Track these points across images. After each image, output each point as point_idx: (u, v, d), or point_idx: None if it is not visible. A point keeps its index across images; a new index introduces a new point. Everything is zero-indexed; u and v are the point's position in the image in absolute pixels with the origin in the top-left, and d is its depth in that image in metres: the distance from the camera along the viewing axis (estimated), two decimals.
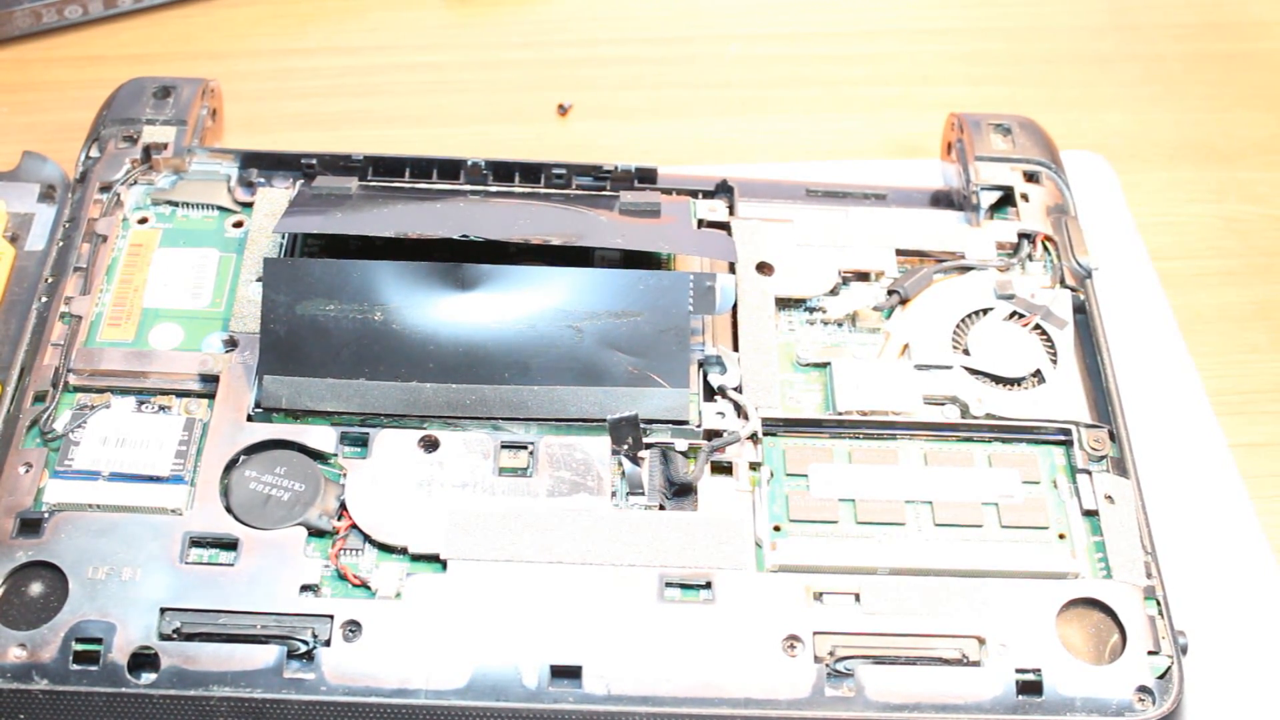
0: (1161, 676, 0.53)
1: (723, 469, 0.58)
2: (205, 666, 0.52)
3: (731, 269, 0.64)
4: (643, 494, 0.57)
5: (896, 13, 0.89)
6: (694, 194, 0.68)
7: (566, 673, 0.52)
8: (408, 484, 0.56)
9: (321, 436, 0.57)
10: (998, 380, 0.62)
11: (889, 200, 0.69)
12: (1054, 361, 0.62)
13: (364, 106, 0.81)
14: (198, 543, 0.54)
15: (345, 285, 0.59)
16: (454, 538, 0.55)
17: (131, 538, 0.54)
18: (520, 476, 0.57)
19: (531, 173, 0.68)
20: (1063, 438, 0.60)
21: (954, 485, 0.58)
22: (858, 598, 0.54)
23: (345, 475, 0.57)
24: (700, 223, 0.66)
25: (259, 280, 0.62)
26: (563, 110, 0.82)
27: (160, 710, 0.51)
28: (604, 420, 0.57)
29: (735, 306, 0.62)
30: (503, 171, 0.68)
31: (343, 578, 0.54)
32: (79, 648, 0.52)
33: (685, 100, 0.83)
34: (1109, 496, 0.58)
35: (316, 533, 0.55)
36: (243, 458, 0.57)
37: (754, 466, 0.58)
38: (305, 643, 0.52)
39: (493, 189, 0.68)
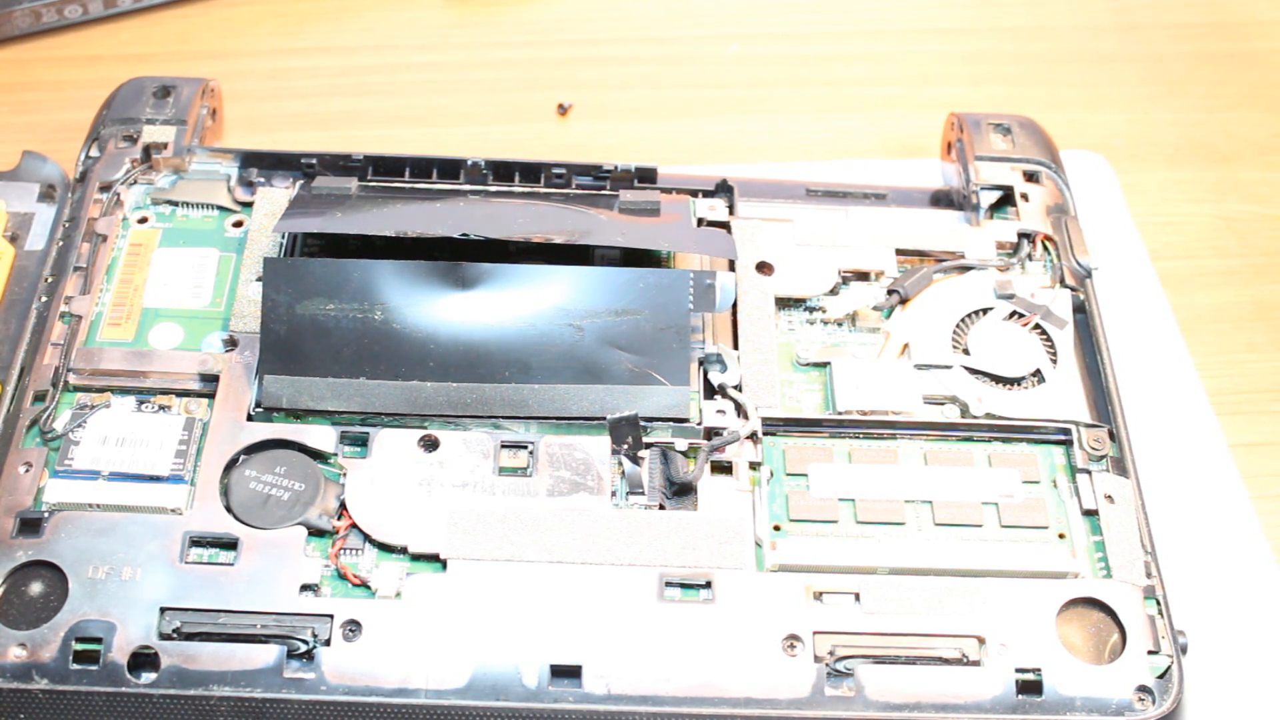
0: (1161, 676, 0.53)
1: (723, 468, 0.58)
2: (205, 666, 0.52)
3: (731, 267, 0.64)
4: (643, 494, 0.57)
5: (896, 13, 0.89)
6: (694, 194, 0.68)
7: (566, 672, 0.52)
8: (408, 484, 0.56)
9: (321, 436, 0.57)
10: (998, 380, 0.62)
11: (889, 200, 0.69)
12: (1054, 361, 0.62)
13: (364, 106, 0.81)
14: (198, 542, 0.54)
15: (345, 285, 0.59)
16: (454, 537, 0.55)
17: (131, 537, 0.54)
18: (520, 476, 0.57)
19: (531, 172, 0.68)
20: (1063, 437, 0.60)
21: (954, 485, 0.58)
22: (858, 597, 0.54)
23: (345, 475, 0.57)
24: (700, 221, 0.66)
25: (259, 280, 0.62)
26: (563, 110, 0.82)
27: (160, 710, 0.51)
28: (604, 419, 0.57)
29: (735, 306, 0.62)
30: (503, 171, 0.68)
31: (343, 577, 0.54)
32: (79, 647, 0.52)
33: (685, 100, 0.83)
34: (1109, 496, 0.58)
35: (316, 532, 0.55)
36: (243, 457, 0.57)
37: (754, 466, 0.58)
38: (305, 642, 0.52)
39: (493, 189, 0.68)
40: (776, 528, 0.57)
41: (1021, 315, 0.64)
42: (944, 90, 0.84)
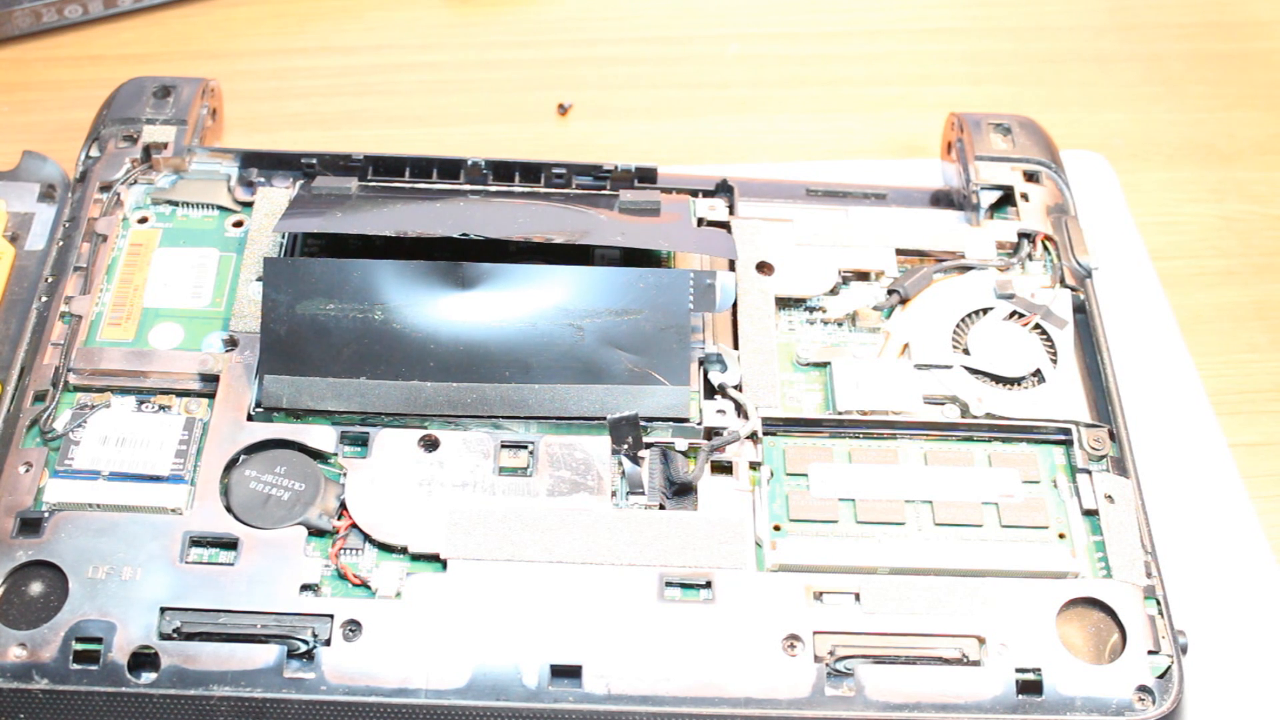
0: (1161, 676, 0.53)
1: (723, 468, 0.58)
2: (205, 666, 0.52)
3: (731, 267, 0.64)
4: (643, 493, 0.57)
5: (896, 13, 0.89)
6: (694, 194, 0.68)
7: (566, 672, 0.52)
8: (408, 483, 0.56)
9: (322, 436, 0.57)
10: (998, 380, 0.62)
11: (889, 200, 0.69)
12: (1054, 361, 0.62)
13: (364, 106, 0.81)
14: (198, 542, 0.54)
15: (345, 284, 0.59)
16: (454, 537, 0.55)
17: (131, 537, 0.54)
18: (520, 476, 0.57)
19: (531, 172, 0.68)
20: (1063, 437, 0.60)
21: (954, 485, 0.58)
22: (858, 597, 0.54)
23: (345, 475, 0.57)
24: (700, 221, 0.66)
25: (259, 280, 0.62)
26: (563, 110, 0.82)
27: (160, 710, 0.51)
28: (604, 419, 0.57)
29: (735, 305, 0.62)
30: (503, 171, 0.68)
31: (343, 577, 0.54)
32: (79, 647, 0.52)
33: (685, 100, 0.83)
34: (1109, 496, 0.58)
35: (316, 532, 0.55)
36: (243, 457, 0.57)
37: (754, 466, 0.58)
38: (305, 642, 0.52)
39: (493, 189, 0.68)
40: (776, 528, 0.57)
41: (1021, 315, 0.64)
42: (944, 90, 0.84)
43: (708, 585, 0.55)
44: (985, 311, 0.64)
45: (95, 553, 0.53)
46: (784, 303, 0.64)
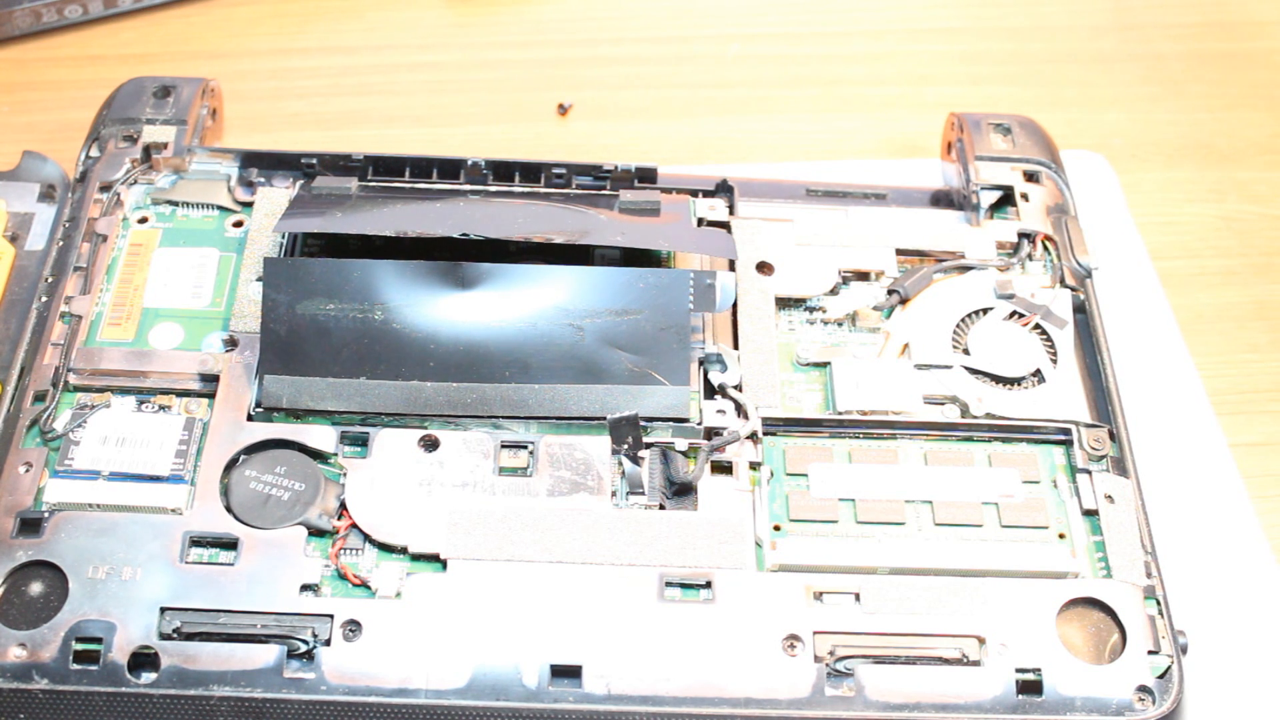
0: (1161, 676, 0.53)
1: (723, 468, 0.58)
2: (205, 666, 0.52)
3: (731, 267, 0.64)
4: (643, 493, 0.57)
5: (896, 13, 0.89)
6: (694, 194, 0.68)
7: (566, 672, 0.52)
8: (408, 484, 0.56)
9: (322, 436, 0.57)
10: (998, 380, 0.62)
11: (889, 200, 0.69)
12: (1054, 361, 0.62)
13: (364, 106, 0.81)
14: (198, 542, 0.54)
15: (345, 284, 0.59)
16: (454, 537, 0.55)
17: (131, 537, 0.54)
18: (520, 476, 0.57)
19: (531, 172, 0.68)
20: (1063, 437, 0.60)
21: (954, 485, 0.58)
22: (858, 597, 0.54)
23: (345, 475, 0.57)
24: (700, 221, 0.66)
25: (259, 280, 0.62)
26: (563, 110, 0.82)
27: (160, 710, 0.51)
28: (604, 419, 0.57)
29: (735, 305, 0.62)
30: (503, 171, 0.68)
31: (343, 577, 0.54)
32: (79, 647, 0.52)
33: (685, 100, 0.83)
34: (1109, 496, 0.58)
35: (316, 532, 0.55)
36: (243, 457, 0.57)
37: (754, 466, 0.58)
38: (305, 642, 0.52)
39: (493, 189, 0.68)
40: (776, 528, 0.57)
41: (1021, 315, 0.64)
42: (944, 90, 0.84)
43: (708, 585, 0.55)
44: (985, 311, 0.64)
45: (95, 553, 0.53)
46: (784, 303, 0.64)
